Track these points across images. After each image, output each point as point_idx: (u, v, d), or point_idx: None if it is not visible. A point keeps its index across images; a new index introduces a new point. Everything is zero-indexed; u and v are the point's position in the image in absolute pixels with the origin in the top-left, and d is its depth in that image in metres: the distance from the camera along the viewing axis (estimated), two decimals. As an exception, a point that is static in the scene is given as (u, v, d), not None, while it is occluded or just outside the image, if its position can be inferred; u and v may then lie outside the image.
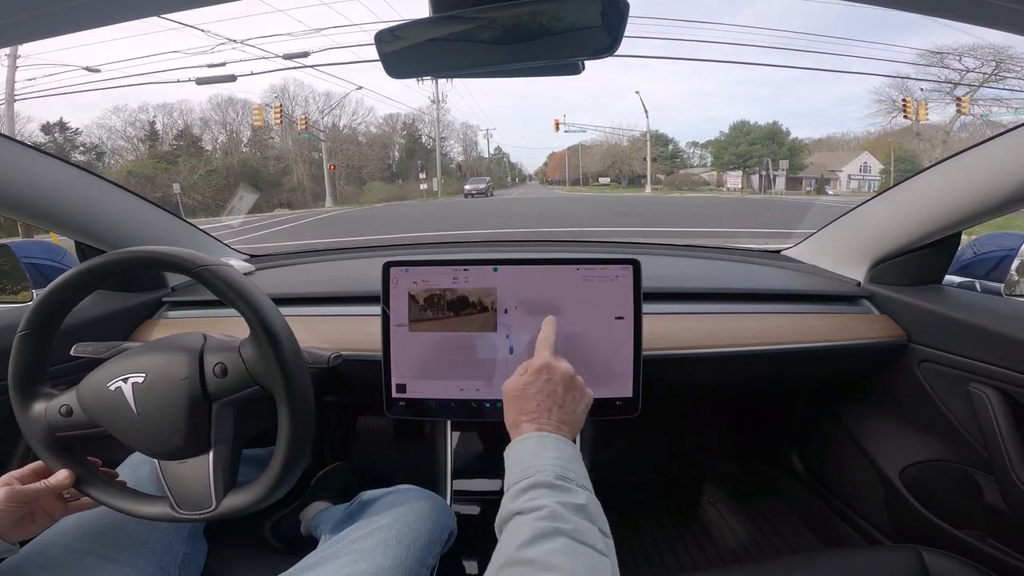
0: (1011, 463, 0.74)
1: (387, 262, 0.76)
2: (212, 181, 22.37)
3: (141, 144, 25.01)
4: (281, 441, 0.53)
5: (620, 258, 0.76)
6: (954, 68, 20.47)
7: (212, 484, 0.54)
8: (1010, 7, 0.40)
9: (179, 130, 26.06)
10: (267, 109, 22.75)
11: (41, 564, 0.55)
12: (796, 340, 0.89)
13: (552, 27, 0.49)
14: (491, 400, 0.77)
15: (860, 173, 27.39)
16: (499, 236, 7.67)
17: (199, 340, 0.57)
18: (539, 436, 0.50)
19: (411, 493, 0.73)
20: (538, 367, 0.55)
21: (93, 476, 0.57)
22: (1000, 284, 0.89)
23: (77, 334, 0.73)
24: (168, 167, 22.36)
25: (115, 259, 0.55)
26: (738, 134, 33.12)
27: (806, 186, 27.48)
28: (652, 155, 34.81)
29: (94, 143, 24.00)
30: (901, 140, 25.10)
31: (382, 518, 0.66)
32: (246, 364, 0.54)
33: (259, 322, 0.52)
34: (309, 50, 17.63)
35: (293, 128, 25.45)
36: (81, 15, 0.43)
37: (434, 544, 0.68)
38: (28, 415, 0.56)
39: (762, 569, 0.68)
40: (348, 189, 27.98)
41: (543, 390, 0.54)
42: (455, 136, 40.28)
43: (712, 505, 1.34)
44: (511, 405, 0.55)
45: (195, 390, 0.53)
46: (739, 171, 31.61)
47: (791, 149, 30.74)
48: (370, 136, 32.29)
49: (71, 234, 0.89)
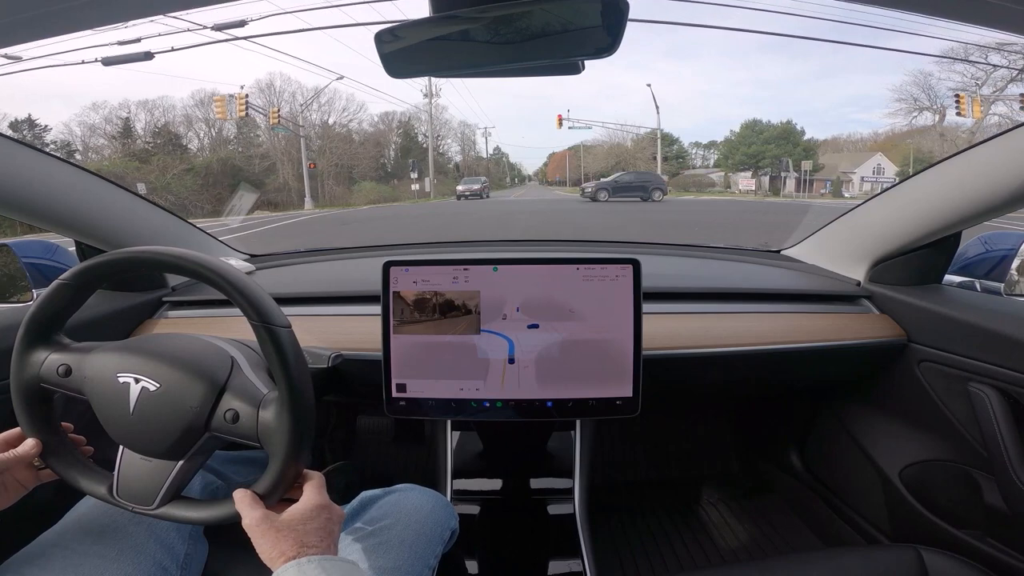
0: (1011, 463, 0.74)
1: (387, 261, 0.76)
2: (187, 181, 20.82)
3: (113, 141, 23.56)
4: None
5: (620, 258, 0.76)
6: (980, 66, 19.58)
7: (165, 488, 0.53)
8: (1010, 7, 0.40)
9: (157, 127, 24.52)
10: (231, 100, 19.99)
11: (41, 564, 0.55)
12: (796, 340, 0.89)
13: (552, 27, 0.49)
14: (491, 400, 0.77)
15: (874, 175, 25.78)
16: (499, 236, 7.60)
17: (224, 370, 0.55)
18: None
19: (412, 492, 0.72)
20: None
21: (60, 444, 0.57)
22: (1000, 284, 0.89)
23: (77, 333, 0.73)
24: (140, 166, 20.84)
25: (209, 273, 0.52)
26: (750, 133, 30.91)
27: (820, 188, 25.63)
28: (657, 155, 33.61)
29: (66, 140, 22.57)
30: (913, 141, 23.99)
31: (383, 518, 0.66)
32: (258, 426, 0.52)
33: (291, 401, 0.50)
34: (247, 18, 13.55)
35: (288, 124, 24.14)
36: (81, 15, 0.43)
37: (435, 544, 0.67)
38: (26, 358, 0.55)
39: (762, 568, 0.68)
40: (337, 189, 26.11)
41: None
42: (453, 135, 38.95)
43: (712, 505, 1.34)
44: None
45: (198, 420, 0.52)
46: (749, 172, 29.84)
47: (806, 149, 28.61)
48: (363, 134, 30.78)
49: (71, 234, 0.90)
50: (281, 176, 24.74)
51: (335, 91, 28.36)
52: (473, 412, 0.78)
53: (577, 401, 0.77)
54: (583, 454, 0.90)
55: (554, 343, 0.76)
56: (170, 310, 1.00)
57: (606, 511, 1.27)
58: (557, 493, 0.89)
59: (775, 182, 27.19)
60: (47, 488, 0.58)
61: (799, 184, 25.19)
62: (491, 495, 0.91)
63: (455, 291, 0.76)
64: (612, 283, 0.76)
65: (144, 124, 24.46)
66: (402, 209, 17.90)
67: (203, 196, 20.03)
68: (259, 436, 0.52)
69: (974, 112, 17.78)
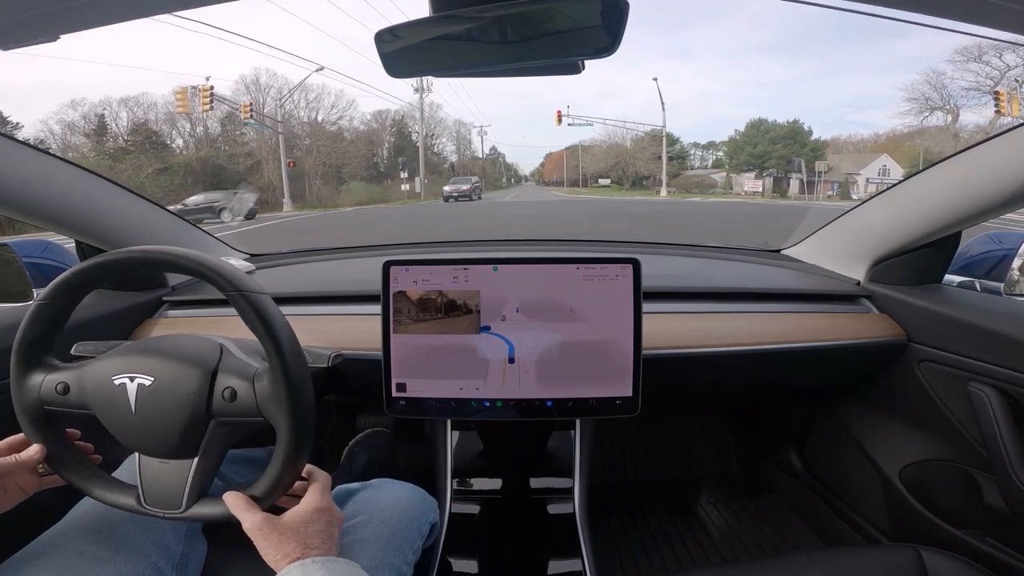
0: (1011, 463, 0.74)
1: (387, 261, 0.76)
2: (161, 181, 20.11)
3: (88, 139, 22.59)
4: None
5: (620, 257, 0.76)
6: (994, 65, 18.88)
7: (188, 488, 0.54)
8: (1010, 7, 0.40)
9: (135, 125, 23.46)
10: (195, 93, 18.36)
11: (40, 564, 0.55)
12: (796, 339, 0.89)
13: (552, 27, 0.49)
14: (491, 399, 0.77)
15: (879, 176, 24.95)
16: (494, 223, 7.46)
17: (215, 355, 0.56)
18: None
19: (388, 486, 0.71)
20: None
21: (68, 453, 0.57)
22: (1000, 284, 0.89)
23: (77, 333, 0.73)
24: (112, 165, 20.04)
25: (172, 260, 0.54)
26: (755, 132, 30.16)
27: (827, 190, 24.62)
28: (657, 154, 31.86)
29: (40, 138, 20.94)
30: (921, 141, 23.31)
31: (356, 515, 0.65)
32: (256, 397, 0.53)
33: (281, 366, 0.51)
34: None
35: (264, 120, 22.73)
36: (81, 15, 0.43)
37: (414, 539, 0.66)
38: (24, 382, 0.56)
39: (762, 568, 0.68)
40: (325, 190, 25.19)
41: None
42: (448, 134, 38.05)
43: (712, 505, 1.34)
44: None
45: (199, 406, 0.53)
46: (752, 172, 29.07)
47: (814, 149, 27.99)
48: (355, 132, 29.58)
49: (71, 234, 0.90)
50: (266, 175, 23.59)
51: (323, 87, 27.14)
52: (473, 412, 0.78)
53: (577, 401, 0.77)
54: (583, 454, 0.90)
55: (554, 343, 0.76)
56: (170, 310, 1.00)
57: (606, 511, 1.27)
58: (557, 493, 0.89)
59: (779, 183, 26.44)
60: (47, 489, 0.58)
61: (803, 186, 24.40)
62: (491, 495, 0.91)
63: (455, 291, 0.76)
64: (612, 283, 0.76)
65: (126, 122, 23.54)
66: (384, 212, 16.98)
67: (181, 196, 18.61)
68: (260, 408, 0.53)
69: (1013, 110, 16.97)
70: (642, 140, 35.43)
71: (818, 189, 23.37)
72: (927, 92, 22.70)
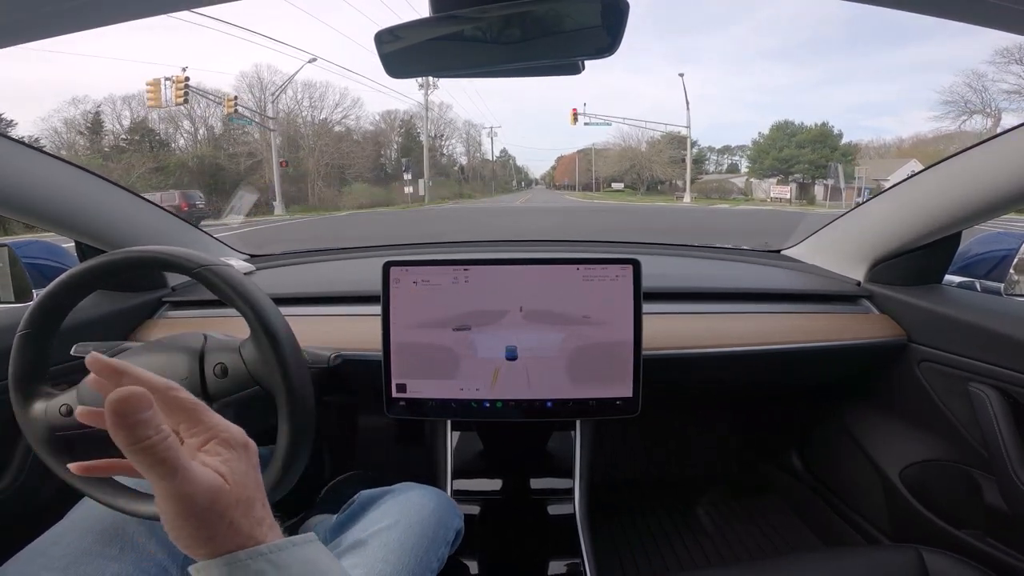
0: (1011, 463, 0.74)
1: (387, 261, 0.76)
2: (154, 181, 19.26)
3: (80, 138, 21.37)
4: (281, 440, 0.53)
5: (620, 258, 0.76)
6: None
7: None
8: (1010, 7, 0.40)
9: (134, 123, 22.60)
10: (167, 85, 16.31)
11: (43, 564, 0.55)
12: (796, 340, 0.89)
13: (552, 27, 0.49)
14: (491, 400, 0.77)
15: None
16: (500, 235, 7.56)
17: (199, 340, 0.58)
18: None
19: (413, 491, 0.69)
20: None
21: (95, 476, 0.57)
22: (1000, 284, 0.89)
23: (77, 334, 0.73)
24: (104, 164, 19.29)
25: (115, 259, 0.55)
26: (781, 135, 28.00)
27: (854, 197, 22.19)
28: (675, 158, 29.85)
29: (35, 136, 20.00)
30: (942, 147, 21.85)
31: (382, 520, 0.63)
32: (246, 364, 0.54)
33: (259, 321, 0.52)
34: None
35: (264, 119, 21.91)
36: (81, 15, 0.43)
37: (439, 545, 0.64)
38: (28, 415, 0.56)
39: (762, 569, 0.68)
40: (327, 191, 24.21)
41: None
42: (457, 136, 37.37)
43: (712, 504, 1.34)
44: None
45: (195, 391, 0.53)
46: (775, 178, 27.22)
47: (844, 153, 26.00)
48: (362, 132, 28.85)
49: (71, 234, 0.89)
50: (266, 176, 22.68)
51: (327, 84, 26.47)
52: (473, 412, 0.78)
53: (577, 401, 0.77)
54: (583, 454, 0.90)
55: (554, 343, 0.76)
56: (170, 310, 1.00)
57: (606, 511, 1.27)
58: (557, 493, 0.89)
59: (806, 189, 24.84)
60: (47, 488, 0.58)
61: (827, 191, 22.77)
62: (491, 495, 0.91)
63: (455, 291, 0.76)
64: (612, 283, 0.76)
65: (128, 120, 22.85)
66: (379, 216, 16.30)
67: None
68: (252, 375, 0.54)
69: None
70: (658, 143, 33.82)
71: (845, 195, 21.62)
72: (966, 95, 21.46)
